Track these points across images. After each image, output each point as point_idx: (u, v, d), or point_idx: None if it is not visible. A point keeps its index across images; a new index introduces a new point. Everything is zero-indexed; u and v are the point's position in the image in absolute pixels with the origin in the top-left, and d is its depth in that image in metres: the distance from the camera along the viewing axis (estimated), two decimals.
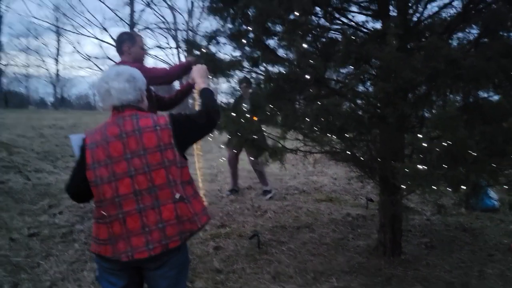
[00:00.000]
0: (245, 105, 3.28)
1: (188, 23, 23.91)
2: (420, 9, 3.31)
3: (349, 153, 3.21)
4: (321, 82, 2.75)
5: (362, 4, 3.06)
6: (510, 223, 4.82)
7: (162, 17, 23.25)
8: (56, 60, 32.44)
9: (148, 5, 9.66)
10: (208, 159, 9.89)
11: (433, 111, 2.61)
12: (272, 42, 3.07)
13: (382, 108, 2.53)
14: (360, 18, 3.22)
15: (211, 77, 3.34)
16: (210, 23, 23.17)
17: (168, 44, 25.04)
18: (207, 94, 2.26)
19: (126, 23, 10.38)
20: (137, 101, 2.01)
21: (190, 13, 25.13)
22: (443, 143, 2.30)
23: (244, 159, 6.39)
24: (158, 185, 1.88)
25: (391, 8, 3.29)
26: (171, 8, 22.78)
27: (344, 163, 3.86)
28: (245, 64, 3.23)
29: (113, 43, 3.39)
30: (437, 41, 2.29)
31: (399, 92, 2.44)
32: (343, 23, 3.07)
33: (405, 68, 2.22)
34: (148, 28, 10.11)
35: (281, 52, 3.01)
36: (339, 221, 5.06)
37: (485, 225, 4.79)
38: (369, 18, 3.12)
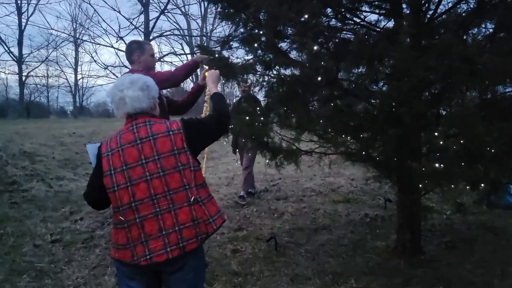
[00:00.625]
0: (245, 105, 3.30)
1: (202, 29, 24.12)
2: (433, 6, 3.28)
3: (365, 153, 3.19)
4: (334, 83, 2.74)
5: (374, 3, 3.03)
6: None
7: (177, 23, 23.49)
8: (75, 70, 33.10)
9: (162, 12, 9.79)
10: (224, 162, 9.96)
11: (450, 109, 2.57)
12: (284, 45, 3.08)
13: (397, 107, 2.51)
14: (373, 17, 3.20)
15: (223, 81, 3.38)
16: (223, 28, 23.37)
17: (183, 50, 25.29)
18: (218, 99, 2.31)
19: (141, 31, 10.56)
20: (150, 109, 2.07)
21: (204, 19, 25.37)
22: (460, 141, 2.26)
23: (261, 161, 6.36)
24: (173, 188, 1.92)
25: (403, 6, 3.27)
26: (185, 14, 23.05)
27: (360, 163, 3.83)
28: (258, 67, 3.25)
29: None
30: (450, 38, 2.27)
31: (413, 91, 2.41)
32: (355, 22, 3.06)
33: (419, 66, 2.20)
34: (162, 35, 10.25)
35: (293, 55, 3.02)
36: (357, 222, 5.02)
37: (508, 223, 4.68)
38: (381, 17, 3.09)
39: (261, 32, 2.99)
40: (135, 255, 1.90)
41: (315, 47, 2.49)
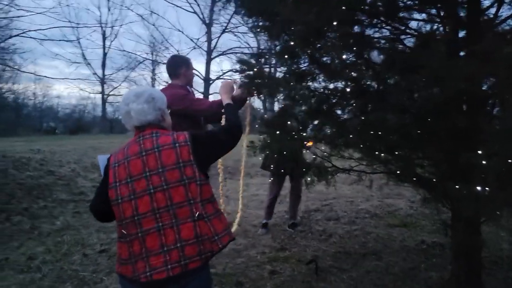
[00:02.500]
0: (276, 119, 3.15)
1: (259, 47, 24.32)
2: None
3: (408, 172, 2.88)
4: (364, 94, 2.52)
5: (416, 7, 2.76)
6: None
7: (246, 42, 24.04)
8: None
9: (223, 31, 10.17)
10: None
11: (492, 123, 2.22)
12: (315, 56, 2.93)
13: (432, 122, 2.22)
14: (413, 23, 2.92)
15: (255, 96, 3.27)
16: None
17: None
18: (231, 110, 2.23)
19: (204, 50, 11.03)
20: (158, 121, 2.02)
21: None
22: (507, 160, 1.94)
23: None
24: (176, 203, 1.83)
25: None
26: (249, 32, 23.43)
27: (409, 184, 3.49)
28: (291, 81, 3.13)
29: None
30: (495, 42, 1.96)
31: (451, 103, 2.12)
32: (394, 28, 2.81)
33: (457, 76, 1.92)
34: (224, 53, 10.60)
35: (325, 65, 2.85)
36: (412, 248, 4.59)
37: None
38: (422, 23, 2.81)
39: (292, 43, 2.86)
40: (136, 271, 1.83)
41: (344, 56, 2.31)
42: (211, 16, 11.01)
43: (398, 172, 2.71)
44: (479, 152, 2.02)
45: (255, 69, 3.34)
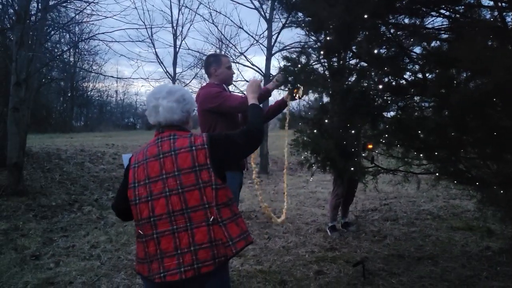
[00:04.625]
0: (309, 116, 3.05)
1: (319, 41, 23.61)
2: None
3: (440, 173, 2.65)
4: (399, 91, 2.35)
5: None
6: None
7: (312, 37, 23.57)
8: None
9: (283, 27, 10.06)
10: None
11: None
12: (359, 50, 2.79)
13: (472, 119, 2.00)
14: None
15: (307, 94, 3.19)
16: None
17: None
18: (254, 111, 2.17)
19: (264, 46, 11.03)
20: (182, 122, 2.03)
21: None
22: None
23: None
24: (191, 206, 1.84)
25: None
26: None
27: (462, 185, 3.22)
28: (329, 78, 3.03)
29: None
30: None
31: (490, 98, 1.89)
32: (453, 16, 2.55)
33: (498, 67, 1.71)
34: (283, 49, 10.43)
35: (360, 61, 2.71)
36: (474, 254, 4.23)
37: None
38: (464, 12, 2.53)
39: (328, 38, 2.76)
40: (151, 270, 1.86)
41: (376, 51, 2.17)
42: (272, 11, 10.98)
43: (440, 172, 2.50)
44: None
45: (299, 66, 3.29)
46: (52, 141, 13.90)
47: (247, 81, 12.42)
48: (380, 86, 2.24)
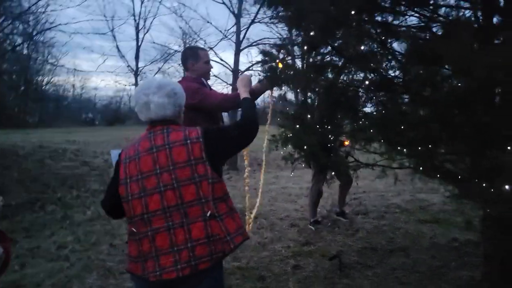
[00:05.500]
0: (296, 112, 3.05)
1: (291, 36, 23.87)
2: None
3: (423, 168, 2.73)
4: (387, 86, 2.39)
5: None
6: None
7: (278, 32, 23.69)
8: None
9: (252, 22, 10.04)
10: (309, 172, 9.69)
11: None
12: (338, 46, 2.81)
13: (456, 115, 2.07)
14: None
15: (283, 89, 3.19)
16: None
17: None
18: (247, 105, 2.14)
19: (233, 41, 10.99)
20: (175, 117, 1.97)
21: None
22: None
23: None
24: (187, 201, 1.78)
25: None
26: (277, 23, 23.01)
27: (437, 179, 3.32)
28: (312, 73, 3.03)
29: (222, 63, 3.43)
30: None
31: (474, 95, 1.96)
32: (422, 15, 2.63)
33: (480, 64, 1.77)
34: (252, 45, 10.51)
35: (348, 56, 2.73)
36: (442, 246, 4.40)
37: None
38: (449, 10, 2.62)
39: (312, 33, 2.76)
40: (145, 269, 1.80)
41: (362, 47, 2.19)
42: (240, 6, 10.95)
43: (421, 167, 2.57)
44: (508, 148, 1.86)
45: (277, 60, 3.27)
46: (7, 137, 13.17)
47: (216, 76, 12.29)
48: (367, 82, 2.27)
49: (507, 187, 1.81)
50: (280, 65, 3.04)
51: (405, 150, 2.42)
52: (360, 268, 3.89)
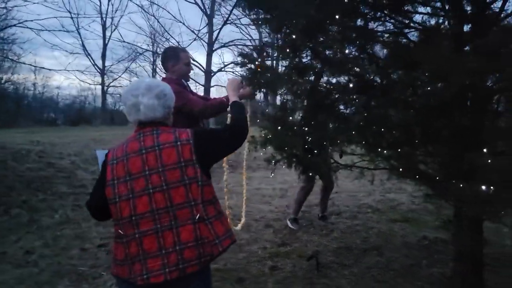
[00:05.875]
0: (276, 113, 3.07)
1: (261, 39, 24.01)
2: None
3: (413, 169, 2.82)
4: (367, 90, 2.45)
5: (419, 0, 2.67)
6: None
7: (248, 34, 23.68)
8: None
9: (225, 23, 9.99)
10: (283, 173, 9.76)
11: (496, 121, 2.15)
12: (318, 50, 2.85)
13: (435, 119, 2.15)
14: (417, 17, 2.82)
15: (262, 92, 3.20)
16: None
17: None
18: (237, 108, 2.14)
19: (205, 41, 10.86)
20: (164, 118, 1.94)
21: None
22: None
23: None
24: (176, 204, 1.77)
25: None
26: (250, 24, 23.08)
27: (412, 180, 3.43)
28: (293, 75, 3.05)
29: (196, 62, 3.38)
30: (501, 34, 1.88)
31: (454, 100, 2.04)
32: (398, 22, 2.72)
33: (461, 70, 1.85)
34: (224, 45, 10.44)
35: (327, 60, 2.77)
36: (414, 244, 4.55)
37: None
38: (427, 17, 2.72)
39: (294, 36, 2.78)
40: (132, 272, 1.77)
41: (347, 51, 2.24)
42: (213, 7, 10.87)
43: (400, 169, 2.65)
44: (484, 150, 1.95)
45: (257, 63, 3.28)
46: None
47: (193, 79, 12.17)
48: (351, 85, 2.31)
49: (483, 187, 1.89)
50: (259, 68, 3.05)
51: (385, 151, 2.50)
52: (337, 268, 3.96)
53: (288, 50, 2.80)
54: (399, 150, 2.43)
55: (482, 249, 3.33)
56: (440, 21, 2.61)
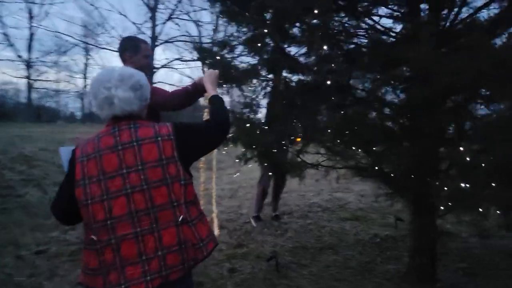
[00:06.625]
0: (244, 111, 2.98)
1: (213, 36, 23.74)
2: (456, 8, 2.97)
3: (377, 168, 2.86)
4: (345, 89, 2.44)
5: (389, 7, 2.71)
6: None
7: (186, 30, 23.16)
8: (85, 76, 32.84)
9: (169, 18, 9.61)
10: (230, 173, 9.64)
11: (475, 121, 2.24)
12: (291, 48, 2.79)
13: (415, 118, 2.18)
14: (386, 21, 2.86)
15: (224, 86, 3.08)
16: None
17: (192, 57, 24.74)
18: (217, 102, 1.98)
19: (149, 37, 10.37)
20: (140, 111, 1.73)
21: (216, 27, 25.02)
22: (491, 158, 1.93)
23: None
24: (158, 205, 1.59)
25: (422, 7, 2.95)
26: (195, 21, 22.67)
27: (371, 179, 3.49)
28: (262, 72, 2.96)
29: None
30: (481, 38, 1.94)
31: (436, 99, 2.09)
32: (370, 26, 2.75)
33: (446, 69, 1.88)
34: (168, 41, 10.03)
35: (301, 58, 2.73)
36: (366, 242, 4.66)
37: None
38: (395, 23, 2.77)
39: (265, 30, 2.68)
40: (107, 283, 1.55)
41: (325, 48, 2.19)
42: (156, 1, 10.46)
43: (370, 168, 2.67)
44: (461, 148, 2.01)
45: (217, 58, 3.14)
46: None
47: None
48: (329, 82, 2.26)
49: (462, 185, 1.94)
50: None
51: (359, 150, 2.50)
52: (295, 268, 3.93)
53: (259, 45, 2.69)
54: (373, 149, 2.44)
55: (435, 245, 3.48)
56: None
